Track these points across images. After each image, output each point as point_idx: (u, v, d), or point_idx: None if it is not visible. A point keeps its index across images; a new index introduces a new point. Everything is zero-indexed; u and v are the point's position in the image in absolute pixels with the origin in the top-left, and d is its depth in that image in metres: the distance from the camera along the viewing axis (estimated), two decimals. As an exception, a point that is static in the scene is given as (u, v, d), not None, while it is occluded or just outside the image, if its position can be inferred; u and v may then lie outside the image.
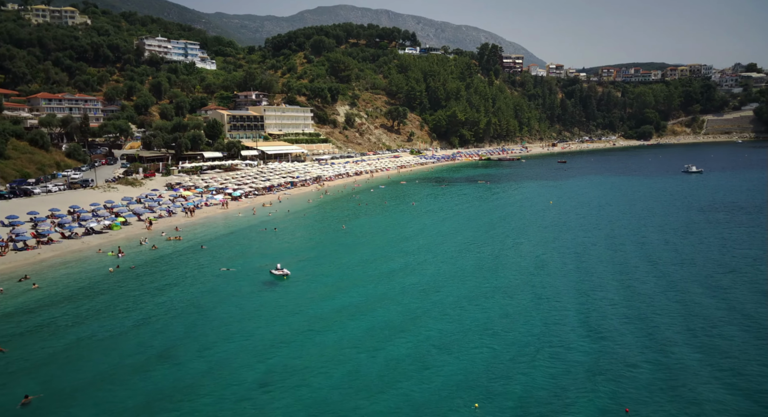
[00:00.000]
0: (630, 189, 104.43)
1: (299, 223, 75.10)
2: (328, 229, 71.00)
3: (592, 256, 52.71)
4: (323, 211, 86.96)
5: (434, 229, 67.96)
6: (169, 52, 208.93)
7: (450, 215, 79.39)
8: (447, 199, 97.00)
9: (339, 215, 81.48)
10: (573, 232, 64.16)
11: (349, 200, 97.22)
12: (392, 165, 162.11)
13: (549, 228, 67.42)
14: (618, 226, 67.76)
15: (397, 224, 72.81)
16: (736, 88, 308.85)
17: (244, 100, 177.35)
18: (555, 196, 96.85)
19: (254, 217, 78.95)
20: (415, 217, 77.85)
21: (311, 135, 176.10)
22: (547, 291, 42.61)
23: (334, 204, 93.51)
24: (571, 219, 73.23)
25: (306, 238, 65.56)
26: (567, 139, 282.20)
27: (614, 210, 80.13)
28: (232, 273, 49.85)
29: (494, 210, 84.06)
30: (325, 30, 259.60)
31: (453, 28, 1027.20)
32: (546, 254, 54.05)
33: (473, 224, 71.46)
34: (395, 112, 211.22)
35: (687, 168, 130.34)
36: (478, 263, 51.49)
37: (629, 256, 52.84)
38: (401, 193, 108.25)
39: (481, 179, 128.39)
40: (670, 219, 71.58)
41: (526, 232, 65.78)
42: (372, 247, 59.48)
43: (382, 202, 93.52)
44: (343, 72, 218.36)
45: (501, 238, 62.23)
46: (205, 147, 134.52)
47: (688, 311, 37.84)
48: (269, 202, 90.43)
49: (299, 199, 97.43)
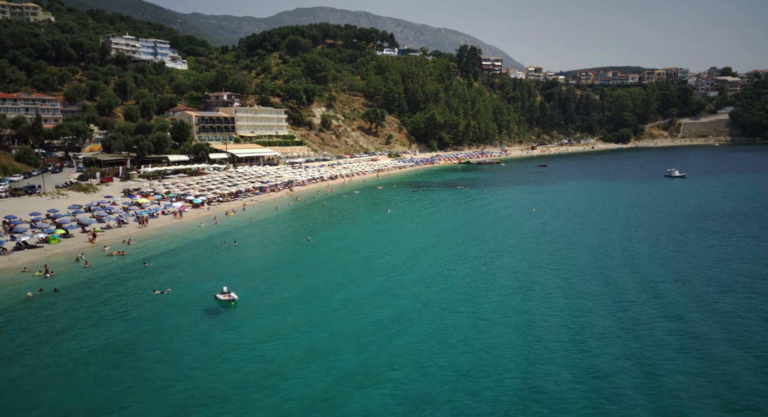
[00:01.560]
0: (614, 195, 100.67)
1: (262, 235, 68.68)
2: (292, 242, 64.78)
3: (579, 276, 47.71)
4: (291, 220, 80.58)
5: (408, 244, 61.45)
6: (137, 51, 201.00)
7: (426, 225, 73.84)
8: (424, 206, 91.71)
9: (307, 225, 75.47)
10: (557, 245, 59.48)
11: (321, 208, 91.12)
12: (369, 169, 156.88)
13: (531, 240, 62.35)
14: (605, 238, 63.16)
15: (368, 237, 66.52)
16: (712, 92, 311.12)
17: (215, 101, 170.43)
18: (537, 202, 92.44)
19: (215, 227, 72.45)
20: (389, 228, 71.59)
21: (285, 137, 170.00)
22: (532, 323, 36.69)
23: (303, 212, 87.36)
24: (554, 229, 68.66)
25: (266, 253, 58.84)
26: (546, 142, 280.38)
27: (600, 219, 75.75)
28: (166, 297, 43.03)
29: (473, 219, 78.58)
30: (301, 30, 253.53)
31: (432, 30, 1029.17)
32: (529, 273, 49.02)
33: (451, 236, 65.83)
34: (373, 114, 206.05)
35: (670, 172, 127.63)
36: (452, 290, 44.28)
37: (619, 274, 48.21)
38: (377, 199, 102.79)
39: (460, 184, 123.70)
40: (659, 229, 67.56)
41: (507, 246, 59.92)
42: (338, 264, 53.20)
43: (355, 210, 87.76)
44: (320, 73, 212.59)
45: (479, 254, 56.11)
46: (171, 150, 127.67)
47: (690, 346, 33.25)
48: (233, 210, 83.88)
49: (267, 207, 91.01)
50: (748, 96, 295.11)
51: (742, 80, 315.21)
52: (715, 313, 38.00)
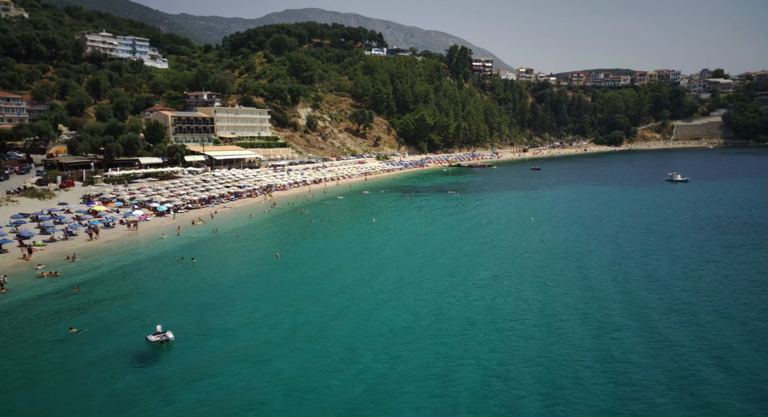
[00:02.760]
0: (616, 202, 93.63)
1: (227, 249, 60.48)
2: (258, 259, 56.15)
3: (600, 307, 39.91)
4: (263, 230, 72.43)
5: (392, 265, 52.37)
6: (114, 48, 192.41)
7: (414, 239, 65.28)
8: (412, 214, 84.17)
9: (279, 237, 67.64)
10: (565, 264, 52.04)
11: (299, 216, 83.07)
12: (356, 172, 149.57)
13: (534, 259, 54.43)
14: (618, 254, 55.42)
15: (347, 253, 58.04)
16: (704, 94, 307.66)
17: (195, 100, 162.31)
18: (534, 210, 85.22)
19: (176, 239, 64.44)
20: (371, 243, 62.95)
21: (268, 139, 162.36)
22: (558, 385, 28.06)
23: (279, 220, 79.17)
24: (558, 244, 61.04)
25: (225, 274, 50.29)
26: (538, 145, 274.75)
27: (606, 230, 68.23)
28: (84, 337, 34.51)
29: (466, 230, 70.30)
30: (287, 28, 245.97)
31: (422, 33, 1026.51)
32: (532, 299, 41.72)
33: (442, 253, 57.18)
34: (361, 115, 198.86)
35: (671, 177, 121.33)
36: (447, 337, 34.26)
37: (647, 302, 40.82)
38: (362, 205, 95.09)
39: (451, 189, 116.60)
40: (676, 242, 60.38)
41: (508, 267, 51.10)
42: (306, 291, 44.28)
43: (336, 219, 79.53)
44: (306, 72, 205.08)
45: (477, 280, 46.96)
46: (144, 152, 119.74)
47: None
48: (200, 219, 75.65)
49: (240, 214, 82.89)
50: (740, 98, 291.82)
51: (734, 82, 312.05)
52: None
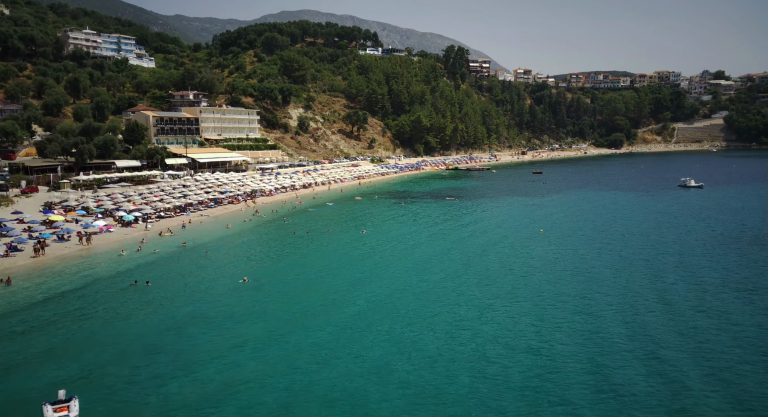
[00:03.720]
0: (630, 210, 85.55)
1: (189, 270, 51.29)
2: (223, 284, 46.72)
3: (618, 340, 33.30)
4: (237, 244, 63.86)
5: (380, 289, 44.65)
6: (98, 46, 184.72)
7: (409, 253, 57.50)
8: (408, 224, 76.64)
9: (255, 253, 59.22)
10: (580, 285, 44.80)
11: (282, 226, 75.07)
12: (349, 176, 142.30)
13: (549, 282, 46.09)
14: (648, 276, 46.93)
15: (330, 273, 49.52)
16: (705, 96, 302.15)
17: (180, 100, 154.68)
18: (540, 219, 77.68)
19: (136, 256, 56.54)
20: (359, 260, 54.73)
21: (257, 140, 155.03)
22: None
23: (259, 232, 71.12)
24: (574, 262, 52.58)
25: (179, 303, 41.29)
26: (537, 147, 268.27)
27: (627, 245, 59.51)
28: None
29: (467, 243, 62.53)
30: (279, 27, 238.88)
31: (418, 35, 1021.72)
32: (547, 335, 34.72)
33: (440, 272, 49.40)
34: (355, 116, 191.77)
35: (685, 182, 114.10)
36: (447, 387, 27.76)
37: (670, 343, 34.13)
38: (352, 213, 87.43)
39: (449, 195, 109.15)
40: (713, 261, 51.56)
41: (520, 292, 43.07)
42: (269, 332, 34.95)
43: (323, 229, 71.73)
44: (298, 72, 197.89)
45: (483, 306, 39.46)
46: (122, 154, 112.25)
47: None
48: (170, 230, 67.90)
49: (216, 225, 74.92)
50: (742, 100, 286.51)
51: (735, 84, 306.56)
52: None
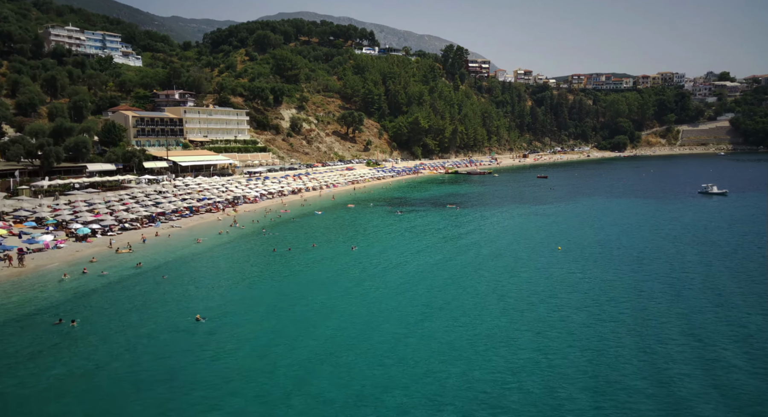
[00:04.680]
0: (655, 222, 75.42)
1: (132, 304, 41.51)
2: (167, 325, 37.01)
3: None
4: (203, 265, 54.00)
5: (367, 329, 35.72)
6: (82, 44, 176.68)
7: (405, 278, 48.16)
8: (404, 237, 68.10)
9: (219, 278, 49.15)
10: (619, 325, 36.48)
11: (261, 240, 66.37)
12: (342, 180, 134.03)
13: (581, 323, 36.86)
14: (711, 318, 37.60)
15: (309, 308, 40.22)
16: (710, 98, 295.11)
17: (165, 100, 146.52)
18: (556, 233, 68.44)
19: (78, 280, 47.16)
20: (346, 290, 44.98)
21: (246, 143, 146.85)
22: None
23: (233, 248, 61.99)
24: (605, 290, 43.54)
25: (101, 357, 31.81)
26: (538, 150, 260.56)
27: (671, 272, 48.94)
28: None
29: (472, 264, 52.76)
30: (272, 25, 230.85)
31: (416, 37, 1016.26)
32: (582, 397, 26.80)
33: (441, 305, 40.17)
34: (350, 117, 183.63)
35: (706, 189, 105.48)
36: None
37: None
38: (343, 225, 78.72)
39: (449, 202, 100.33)
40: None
41: (547, 342, 33.60)
42: (212, 402, 26.56)
43: (307, 244, 62.93)
44: (291, 71, 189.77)
45: (501, 367, 30.31)
46: (96, 157, 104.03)
47: None
48: (129, 246, 58.63)
49: (186, 238, 65.98)
50: (748, 102, 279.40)
51: (741, 85, 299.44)
52: None
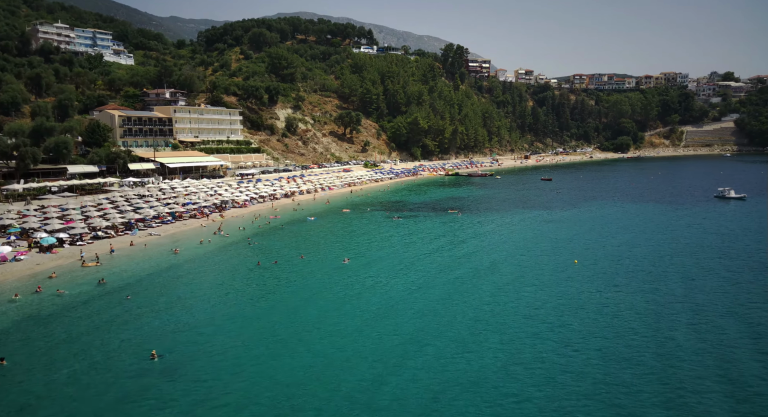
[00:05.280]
0: (672, 231, 69.09)
1: (83, 332, 35.49)
2: (118, 363, 30.97)
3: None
4: (175, 282, 47.58)
5: (341, 370, 29.82)
6: (71, 41, 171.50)
7: (402, 298, 42.13)
8: (401, 248, 62.04)
9: (188, 300, 42.42)
10: (642, 370, 31.16)
11: (245, 251, 60.15)
12: (338, 182, 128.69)
13: (595, 362, 30.71)
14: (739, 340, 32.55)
15: (281, 349, 33.04)
16: (715, 98, 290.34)
17: (156, 99, 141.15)
18: (568, 243, 62.51)
19: (29, 300, 41.43)
20: (335, 314, 38.66)
21: (239, 143, 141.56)
22: None
23: (211, 261, 55.55)
24: (638, 316, 37.24)
25: (35, 404, 26.37)
26: (540, 151, 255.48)
27: (703, 292, 42.75)
28: None
29: (473, 281, 46.89)
30: (268, 23, 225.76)
31: (415, 37, 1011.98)
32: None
33: (427, 333, 34.63)
34: (347, 117, 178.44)
35: (723, 193, 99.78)
36: None
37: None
38: (336, 232, 72.97)
39: (451, 207, 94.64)
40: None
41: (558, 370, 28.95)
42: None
43: (296, 257, 56.72)
44: (286, 70, 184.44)
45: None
46: (79, 159, 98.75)
47: None
48: (97, 259, 52.41)
49: (163, 248, 60.16)
50: (753, 102, 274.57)
51: (746, 86, 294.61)
52: None
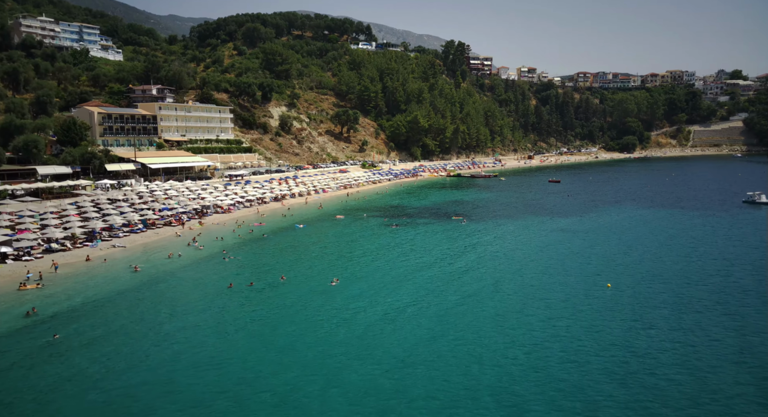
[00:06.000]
0: (712, 242, 61.91)
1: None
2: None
3: None
4: (123, 315, 39.47)
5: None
6: (57, 36, 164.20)
7: (400, 337, 34.66)
8: (398, 264, 54.14)
9: (141, 339, 35.26)
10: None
11: (218, 268, 52.16)
12: (334, 184, 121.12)
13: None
14: None
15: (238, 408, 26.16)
16: (722, 97, 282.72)
17: (142, 95, 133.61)
18: (591, 257, 54.72)
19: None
20: (303, 354, 32.24)
21: (230, 142, 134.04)
22: None
23: (175, 281, 48.00)
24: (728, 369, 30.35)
25: None
26: (544, 151, 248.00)
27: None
28: None
29: (483, 312, 38.97)
30: (263, 18, 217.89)
31: (415, 36, 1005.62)
32: None
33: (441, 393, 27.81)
34: (344, 115, 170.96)
35: (753, 197, 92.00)
36: None
37: None
38: (326, 244, 64.68)
39: (455, 213, 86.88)
40: None
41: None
42: None
43: (276, 277, 48.86)
44: (281, 66, 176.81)
45: None
46: (52, 159, 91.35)
47: None
48: (40, 279, 44.84)
49: (124, 263, 52.34)
50: (762, 101, 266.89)
51: (755, 84, 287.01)
52: None
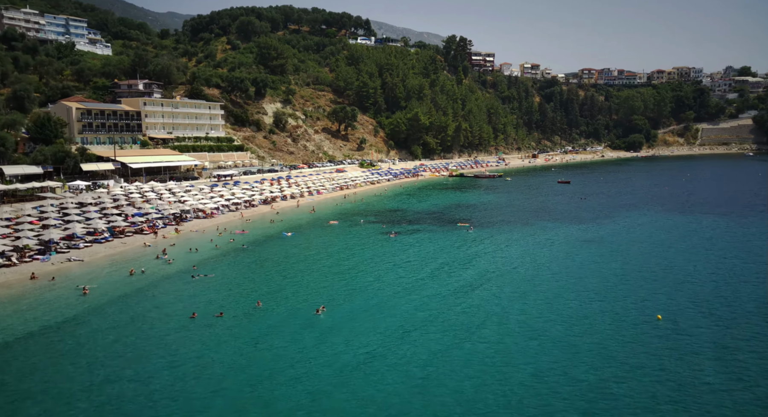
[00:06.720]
0: (753, 255, 54.89)
1: None
2: None
3: None
4: (54, 356, 32.44)
5: None
6: (42, 29, 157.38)
7: (377, 386, 28.13)
8: (401, 288, 45.71)
9: (69, 393, 27.74)
10: None
11: (183, 289, 44.81)
12: (329, 185, 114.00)
13: None
14: None
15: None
16: (731, 94, 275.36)
17: (128, 90, 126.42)
18: (626, 276, 47.25)
19: None
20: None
21: (220, 140, 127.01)
22: None
23: (130, 307, 40.39)
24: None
25: None
26: (548, 150, 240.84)
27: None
28: None
29: (500, 354, 31.98)
30: (258, 11, 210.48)
31: (415, 34, 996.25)
32: None
33: None
34: (342, 112, 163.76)
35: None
36: None
37: None
38: (315, 258, 56.79)
39: (460, 219, 79.13)
40: None
41: None
42: None
43: (251, 303, 41.13)
44: (276, 60, 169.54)
45: None
46: (22, 158, 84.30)
47: None
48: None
49: (67, 286, 44.88)
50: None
51: (764, 81, 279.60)
52: None
